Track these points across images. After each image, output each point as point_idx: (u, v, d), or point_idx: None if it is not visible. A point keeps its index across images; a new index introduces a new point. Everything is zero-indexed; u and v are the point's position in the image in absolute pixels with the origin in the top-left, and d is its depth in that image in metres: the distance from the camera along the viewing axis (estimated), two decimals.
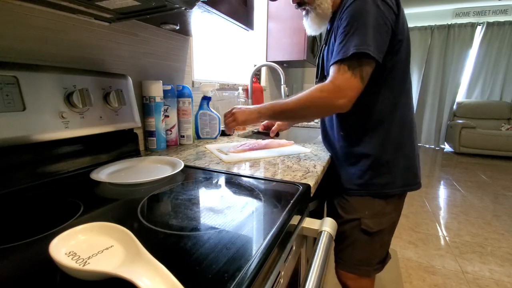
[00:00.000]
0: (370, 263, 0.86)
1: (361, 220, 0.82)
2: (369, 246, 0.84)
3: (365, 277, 0.88)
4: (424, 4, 4.61)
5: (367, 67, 0.66)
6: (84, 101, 0.63)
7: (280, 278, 0.43)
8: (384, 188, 0.79)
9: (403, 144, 0.79)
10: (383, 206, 0.81)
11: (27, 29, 0.59)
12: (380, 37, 0.65)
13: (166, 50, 1.01)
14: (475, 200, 2.59)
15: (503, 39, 4.58)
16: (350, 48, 0.64)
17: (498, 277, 1.53)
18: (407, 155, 0.80)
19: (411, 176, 0.81)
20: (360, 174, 0.81)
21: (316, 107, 0.71)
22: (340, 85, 0.66)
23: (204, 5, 0.71)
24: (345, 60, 0.66)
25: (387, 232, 0.85)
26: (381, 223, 0.82)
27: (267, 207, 0.49)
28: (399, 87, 0.76)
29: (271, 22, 2.00)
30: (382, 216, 0.82)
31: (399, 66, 0.74)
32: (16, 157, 0.54)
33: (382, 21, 0.65)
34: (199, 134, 1.15)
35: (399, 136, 0.78)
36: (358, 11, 0.65)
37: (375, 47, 0.64)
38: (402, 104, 0.77)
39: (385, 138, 0.77)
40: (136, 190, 0.56)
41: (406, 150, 0.79)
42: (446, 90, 4.98)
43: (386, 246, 0.88)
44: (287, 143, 1.00)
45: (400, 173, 0.79)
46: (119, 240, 0.34)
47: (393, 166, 0.78)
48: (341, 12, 0.71)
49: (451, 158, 4.25)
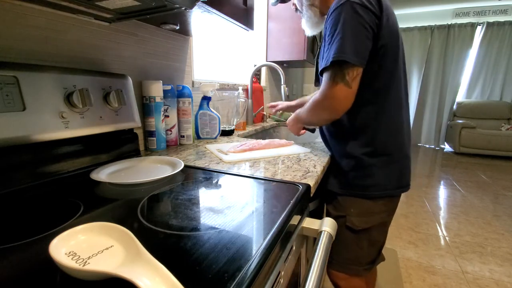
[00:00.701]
0: (359, 262, 0.86)
1: (347, 217, 0.83)
2: (355, 245, 0.85)
3: (355, 277, 0.88)
4: (424, 4, 4.61)
5: (350, 72, 0.68)
6: (84, 101, 0.63)
7: (280, 278, 0.43)
8: (365, 190, 0.80)
9: (388, 149, 0.79)
10: (370, 206, 0.82)
11: (27, 29, 0.59)
12: (358, 42, 0.67)
13: (166, 50, 1.01)
14: (475, 200, 2.59)
15: (503, 39, 4.58)
16: (330, 58, 0.68)
17: (498, 277, 1.53)
18: (393, 160, 0.80)
19: (395, 181, 0.81)
20: (344, 174, 0.83)
21: (318, 117, 0.79)
22: (327, 95, 0.71)
23: (204, 5, 0.71)
24: (329, 69, 0.69)
25: (376, 231, 0.85)
26: (368, 222, 0.83)
27: (267, 207, 0.49)
28: (386, 91, 0.76)
29: (271, 22, 2.00)
30: (369, 215, 0.83)
31: (385, 71, 0.74)
32: (16, 157, 0.54)
33: (361, 26, 0.67)
34: (199, 134, 1.15)
35: (384, 141, 0.78)
36: (336, 19, 0.68)
37: (353, 53, 0.66)
38: (389, 109, 0.78)
39: (369, 142, 0.78)
40: (136, 190, 0.56)
41: (392, 154, 0.79)
42: (446, 90, 4.98)
43: (376, 245, 0.87)
44: (287, 143, 1.00)
45: (384, 177, 0.79)
46: (119, 240, 0.34)
47: (377, 170, 0.79)
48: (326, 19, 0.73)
49: (451, 158, 4.25)
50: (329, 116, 0.76)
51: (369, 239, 0.85)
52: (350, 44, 0.66)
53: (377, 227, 0.84)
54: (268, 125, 1.74)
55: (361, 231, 0.83)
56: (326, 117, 0.77)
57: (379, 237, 0.87)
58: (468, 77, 4.89)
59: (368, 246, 0.85)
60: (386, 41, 0.71)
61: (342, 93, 0.69)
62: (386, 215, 0.85)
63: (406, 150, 0.82)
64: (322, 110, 0.75)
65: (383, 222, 0.85)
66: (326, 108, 0.73)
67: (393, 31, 0.73)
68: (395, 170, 0.80)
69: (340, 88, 0.68)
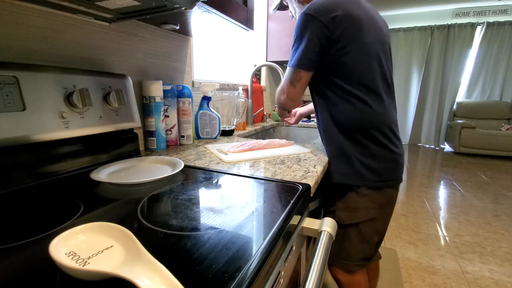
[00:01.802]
0: (350, 257, 0.87)
1: (336, 212, 0.87)
2: (344, 239, 0.87)
3: (349, 272, 0.89)
4: (424, 4, 4.61)
5: (299, 74, 0.82)
6: (84, 101, 0.63)
7: (280, 278, 0.43)
8: (342, 178, 0.84)
9: (362, 143, 0.81)
10: (355, 200, 0.83)
11: (27, 29, 0.59)
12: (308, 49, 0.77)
13: (166, 50, 1.01)
14: (475, 200, 2.59)
15: (503, 39, 4.58)
16: (291, 60, 0.82)
17: (498, 277, 1.53)
18: (370, 154, 0.81)
19: (376, 173, 0.82)
20: (328, 161, 0.86)
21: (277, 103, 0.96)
22: (283, 87, 0.88)
23: (204, 5, 0.71)
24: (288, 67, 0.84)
25: (366, 227, 0.85)
26: (354, 217, 0.84)
27: (267, 207, 0.49)
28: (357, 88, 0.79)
29: (271, 22, 2.00)
30: (354, 210, 0.84)
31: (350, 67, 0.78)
32: (16, 157, 0.54)
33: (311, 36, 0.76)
34: (199, 134, 1.15)
35: (357, 136, 0.81)
36: (296, 27, 0.79)
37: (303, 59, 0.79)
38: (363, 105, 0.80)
39: (344, 135, 0.83)
40: (136, 190, 0.56)
41: (368, 149, 0.81)
42: (446, 90, 4.98)
43: (370, 243, 0.88)
44: (287, 143, 1.00)
45: (359, 168, 0.81)
46: (119, 240, 0.34)
47: (354, 160, 0.82)
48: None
49: (451, 158, 4.25)
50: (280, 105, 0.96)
51: (359, 235, 0.85)
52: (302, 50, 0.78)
53: (367, 223, 0.85)
54: (268, 125, 1.74)
55: (348, 226, 0.85)
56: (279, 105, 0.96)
57: (371, 234, 0.87)
58: (468, 77, 4.89)
59: (358, 242, 0.86)
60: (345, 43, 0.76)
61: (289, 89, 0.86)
62: (375, 211, 0.85)
63: (389, 144, 0.82)
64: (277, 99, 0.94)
65: (372, 218, 0.85)
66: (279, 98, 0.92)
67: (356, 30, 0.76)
68: (375, 163, 0.81)
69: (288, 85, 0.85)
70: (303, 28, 0.77)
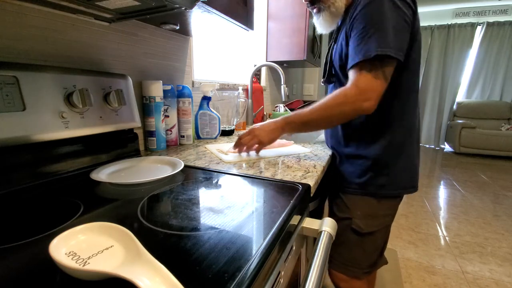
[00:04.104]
0: (359, 264, 0.85)
1: (352, 220, 0.82)
2: (359, 247, 0.83)
3: (355, 279, 0.86)
4: (424, 4, 4.61)
5: (389, 67, 0.66)
6: (84, 101, 0.63)
7: (280, 278, 0.43)
8: (380, 189, 0.79)
9: (406, 148, 0.78)
10: (376, 208, 0.81)
11: (27, 29, 0.59)
12: (400, 36, 0.65)
13: (166, 50, 1.01)
14: (475, 200, 2.59)
15: (503, 39, 4.58)
16: (371, 50, 0.63)
17: (498, 277, 1.53)
18: (408, 159, 0.79)
19: (409, 179, 0.80)
20: (359, 174, 0.81)
21: (342, 113, 0.70)
22: (364, 87, 0.66)
23: (204, 5, 0.71)
24: (367, 61, 0.65)
25: (380, 235, 0.84)
26: (373, 225, 0.81)
27: (267, 207, 0.49)
28: (408, 89, 0.75)
29: (271, 22, 2.00)
30: (374, 218, 0.81)
31: (411, 68, 0.73)
32: (16, 157, 0.54)
33: (401, 20, 0.64)
34: (199, 134, 1.15)
35: (404, 141, 0.77)
36: (375, 13, 0.64)
37: (396, 48, 0.64)
38: (410, 108, 0.77)
39: (390, 142, 0.76)
40: (136, 190, 0.56)
41: (409, 153, 0.79)
42: (446, 90, 4.98)
43: (378, 250, 0.87)
44: (287, 143, 1.00)
45: (399, 175, 0.79)
46: (119, 240, 0.34)
47: (393, 169, 0.78)
48: (353, 11, 0.69)
49: (451, 158, 4.25)
50: (354, 113, 0.70)
51: (374, 243, 0.84)
52: (393, 38, 0.63)
53: (382, 231, 0.84)
54: None
55: (366, 234, 0.81)
56: (351, 114, 0.70)
57: (382, 241, 0.86)
58: (468, 77, 4.88)
59: (371, 250, 0.84)
60: (418, 37, 0.70)
61: (379, 88, 0.66)
62: (390, 219, 0.84)
63: (415, 150, 0.82)
64: (351, 105, 0.68)
65: (387, 226, 0.85)
66: (356, 102, 0.67)
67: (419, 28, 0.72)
68: (410, 169, 0.80)
69: (378, 82, 0.65)
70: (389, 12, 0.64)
